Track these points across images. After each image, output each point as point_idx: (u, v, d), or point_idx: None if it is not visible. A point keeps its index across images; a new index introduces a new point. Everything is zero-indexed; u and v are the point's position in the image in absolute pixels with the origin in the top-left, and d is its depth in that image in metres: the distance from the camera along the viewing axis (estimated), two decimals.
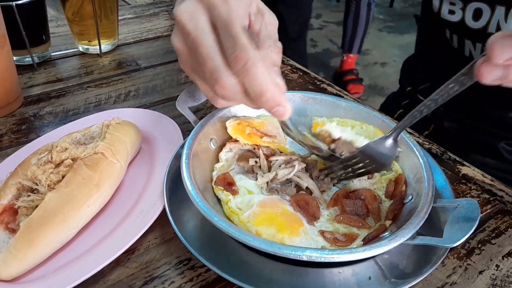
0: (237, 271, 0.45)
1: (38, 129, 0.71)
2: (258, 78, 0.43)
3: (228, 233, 0.43)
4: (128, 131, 0.60)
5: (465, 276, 0.50)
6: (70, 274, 0.45)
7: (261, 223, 0.48)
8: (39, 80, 0.84)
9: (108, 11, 0.92)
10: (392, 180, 0.55)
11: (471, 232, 0.42)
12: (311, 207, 0.52)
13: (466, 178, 0.64)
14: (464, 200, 0.46)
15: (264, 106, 0.45)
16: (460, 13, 0.78)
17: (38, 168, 0.51)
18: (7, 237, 0.48)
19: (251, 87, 0.44)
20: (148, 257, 0.50)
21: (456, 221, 0.44)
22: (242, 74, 0.43)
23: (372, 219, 0.52)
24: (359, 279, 0.46)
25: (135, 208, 0.53)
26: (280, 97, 0.44)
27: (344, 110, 0.63)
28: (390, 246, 0.42)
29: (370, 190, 0.55)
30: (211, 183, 0.55)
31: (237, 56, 0.43)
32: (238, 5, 0.46)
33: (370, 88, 3.19)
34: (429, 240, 0.43)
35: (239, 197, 0.53)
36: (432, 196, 0.47)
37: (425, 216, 0.45)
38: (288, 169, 0.55)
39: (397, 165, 0.57)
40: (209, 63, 0.45)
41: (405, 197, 0.52)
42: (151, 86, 0.84)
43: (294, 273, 0.46)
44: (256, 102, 0.45)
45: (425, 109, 0.50)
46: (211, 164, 0.58)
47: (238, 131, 0.59)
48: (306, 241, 0.48)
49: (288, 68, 0.95)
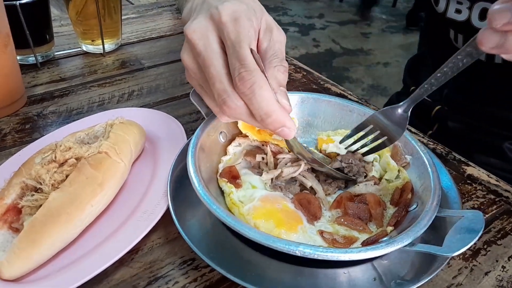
0: (241, 271, 0.45)
1: (42, 128, 0.71)
2: (263, 100, 0.44)
3: (225, 221, 0.44)
4: (132, 131, 0.59)
5: (470, 277, 0.49)
6: (73, 273, 0.45)
7: (259, 217, 0.49)
8: (42, 79, 0.84)
9: (112, 11, 0.92)
10: (399, 188, 0.54)
11: (471, 244, 0.41)
12: (312, 206, 0.52)
13: (471, 179, 0.64)
14: (469, 212, 0.45)
15: (269, 127, 0.46)
16: (466, 12, 0.77)
17: (42, 168, 0.50)
18: (11, 237, 0.48)
19: (256, 109, 0.45)
20: (152, 257, 0.50)
21: (459, 231, 0.43)
22: (247, 96, 0.44)
23: (374, 224, 0.51)
24: (364, 280, 0.45)
25: (139, 208, 0.53)
26: (285, 118, 0.45)
27: (357, 116, 0.62)
28: (387, 250, 0.41)
29: (375, 195, 0.54)
30: (217, 175, 0.56)
31: (243, 78, 0.44)
32: (249, 25, 0.47)
33: (373, 88, 3.19)
34: (427, 248, 0.42)
35: (242, 190, 0.54)
36: (436, 205, 0.46)
37: (426, 224, 0.44)
38: (293, 168, 0.55)
39: (405, 172, 0.56)
40: (217, 84, 0.46)
41: (411, 205, 0.51)
42: (155, 85, 0.84)
43: (298, 273, 0.46)
44: (261, 123, 0.46)
45: (435, 81, 0.48)
46: (218, 156, 0.58)
47: (248, 127, 0.59)
48: (303, 239, 0.48)
49: (291, 67, 0.95)
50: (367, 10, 4.58)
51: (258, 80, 0.44)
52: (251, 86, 0.44)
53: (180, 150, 0.59)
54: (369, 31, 4.16)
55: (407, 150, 0.57)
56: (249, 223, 0.49)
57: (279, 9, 4.55)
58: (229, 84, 0.46)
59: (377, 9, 4.66)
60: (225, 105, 0.46)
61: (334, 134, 0.63)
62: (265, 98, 0.44)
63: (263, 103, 0.44)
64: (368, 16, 4.47)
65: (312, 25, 4.21)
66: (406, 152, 0.57)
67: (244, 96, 0.45)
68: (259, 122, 0.46)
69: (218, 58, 0.46)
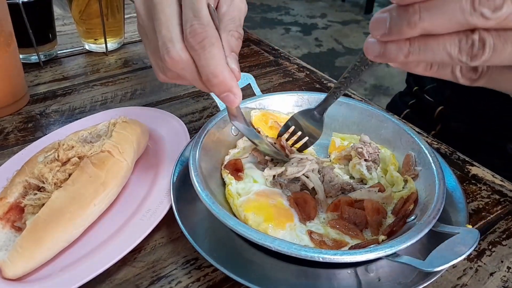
0: (244, 271, 0.45)
1: (45, 127, 0.71)
2: (213, 58, 0.41)
3: (211, 210, 0.44)
4: (135, 130, 0.59)
5: (475, 278, 0.49)
6: (76, 273, 0.45)
7: (251, 210, 0.49)
8: (45, 78, 0.84)
9: (115, 10, 0.92)
10: (404, 198, 0.53)
11: (454, 262, 0.39)
12: (308, 206, 0.52)
13: (476, 179, 0.64)
14: (466, 229, 0.43)
15: (214, 90, 0.43)
16: None
17: (45, 166, 0.50)
18: (14, 236, 0.48)
19: (204, 66, 0.41)
20: (155, 256, 0.49)
21: (447, 247, 0.41)
22: (197, 51, 0.41)
23: (370, 232, 0.50)
24: (369, 280, 0.45)
25: (142, 207, 0.53)
26: (232, 83, 0.42)
27: (375, 121, 0.62)
28: (364, 257, 0.40)
29: (375, 202, 0.52)
30: (221, 166, 0.57)
31: (195, 30, 0.40)
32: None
33: (376, 88, 3.18)
34: (409, 261, 0.40)
35: (242, 183, 0.54)
36: (433, 219, 0.44)
37: (415, 237, 0.42)
38: (298, 168, 0.55)
39: (412, 183, 0.54)
40: (164, 31, 0.42)
41: (410, 215, 0.50)
42: (157, 84, 0.84)
43: (301, 273, 0.46)
44: (206, 84, 0.43)
45: (341, 86, 0.49)
46: (227, 148, 0.60)
47: (260, 122, 0.60)
48: (289, 236, 0.48)
49: (294, 67, 0.94)
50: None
51: (210, 35, 0.41)
52: (202, 40, 0.40)
53: (183, 149, 0.59)
54: None
55: (419, 160, 0.55)
56: (240, 214, 0.49)
57: (281, 9, 4.54)
58: (177, 34, 0.42)
59: (380, 9, 4.65)
60: (168, 55, 0.42)
61: (349, 138, 0.62)
62: (215, 56, 0.41)
63: (212, 60, 0.41)
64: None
65: (314, 25, 4.21)
66: (418, 162, 0.55)
67: (193, 51, 0.41)
68: (204, 83, 0.43)
69: (171, 5, 0.43)
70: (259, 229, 0.47)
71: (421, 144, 0.56)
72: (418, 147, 0.56)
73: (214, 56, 0.41)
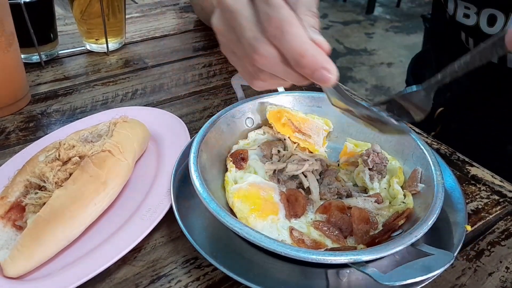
0: (244, 270, 0.45)
1: (46, 126, 0.71)
2: (294, 37, 0.39)
3: (211, 210, 0.45)
4: (135, 129, 0.60)
5: (474, 278, 0.49)
6: (76, 272, 0.45)
7: (239, 197, 0.51)
8: (46, 78, 0.85)
9: (116, 10, 0.92)
10: (398, 212, 0.52)
11: (414, 280, 0.38)
12: (297, 204, 0.52)
13: (475, 179, 0.64)
14: (443, 252, 0.42)
15: (305, 71, 0.40)
16: (475, 18, 0.76)
17: (46, 166, 0.51)
18: (14, 234, 0.49)
19: (288, 50, 0.40)
20: (155, 255, 0.50)
21: (416, 265, 0.40)
22: (277, 37, 0.40)
23: (354, 240, 0.49)
24: (367, 280, 0.45)
25: (142, 206, 0.53)
26: (322, 58, 0.39)
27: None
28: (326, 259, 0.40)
29: (364, 212, 0.51)
30: (228, 153, 0.58)
31: (270, 17, 0.39)
32: None
33: (376, 88, 3.18)
34: (371, 272, 0.40)
35: (242, 172, 0.56)
36: (416, 237, 0.43)
37: (388, 251, 0.41)
38: (297, 166, 0.55)
39: (410, 198, 0.53)
40: (246, 33, 0.42)
41: (398, 230, 0.49)
42: (158, 84, 0.84)
43: (301, 273, 0.46)
44: (297, 69, 0.40)
45: (461, 66, 0.41)
46: (237, 138, 0.61)
47: (274, 118, 0.60)
48: (269, 229, 0.48)
49: None
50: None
51: (286, 16, 0.39)
52: (279, 24, 0.39)
53: (183, 149, 0.59)
54: (373, 31, 4.15)
55: (425, 177, 0.54)
56: (229, 200, 0.51)
57: None
58: (259, 31, 0.41)
59: (381, 9, 4.65)
60: (256, 53, 0.41)
61: (363, 145, 0.61)
62: (296, 35, 0.39)
63: (294, 41, 0.39)
64: None
65: None
66: (424, 179, 0.54)
67: (274, 39, 0.40)
68: (294, 68, 0.40)
69: (246, 8, 0.42)
70: (242, 216, 0.49)
71: (430, 160, 0.53)
72: (427, 163, 0.54)
73: (295, 35, 0.39)
